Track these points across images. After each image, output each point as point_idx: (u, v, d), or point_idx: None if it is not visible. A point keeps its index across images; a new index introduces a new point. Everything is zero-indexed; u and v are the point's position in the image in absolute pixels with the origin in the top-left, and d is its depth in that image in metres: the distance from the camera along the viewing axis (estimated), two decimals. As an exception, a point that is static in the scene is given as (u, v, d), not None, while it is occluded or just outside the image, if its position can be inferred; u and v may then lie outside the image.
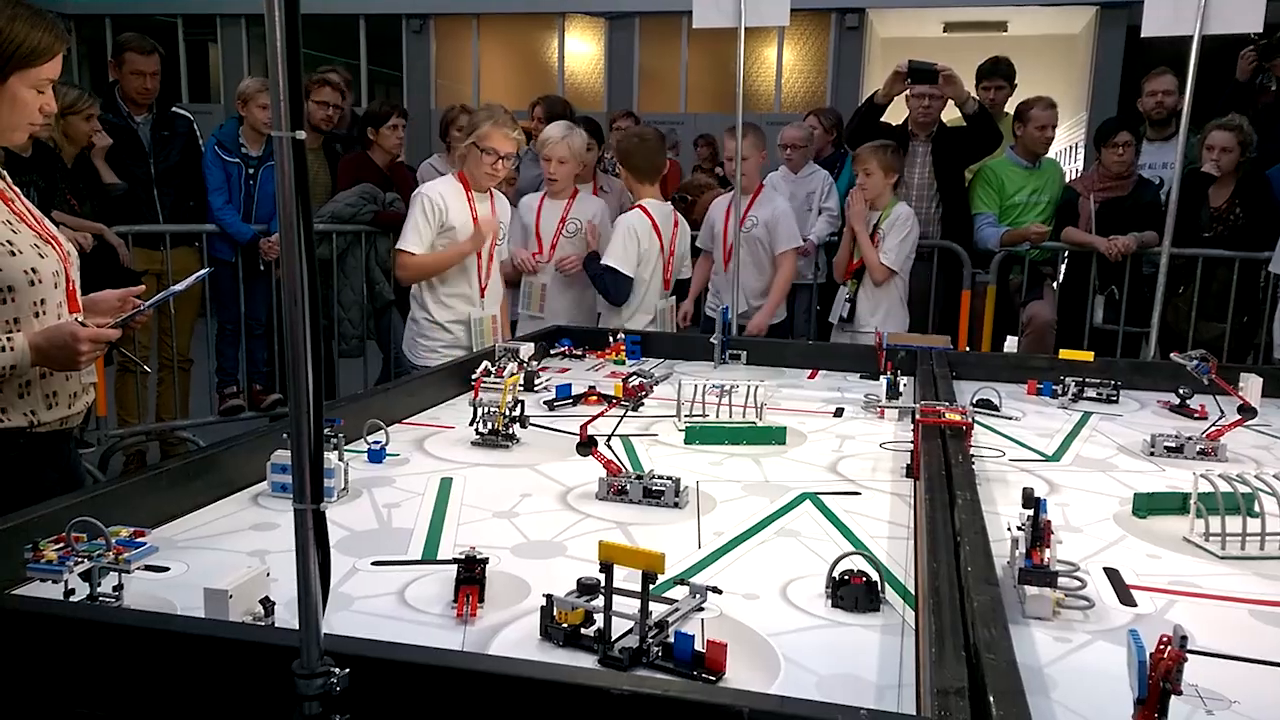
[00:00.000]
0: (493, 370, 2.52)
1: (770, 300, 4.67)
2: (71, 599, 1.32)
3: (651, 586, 1.38)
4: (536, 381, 2.85)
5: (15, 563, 1.34)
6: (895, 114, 5.29)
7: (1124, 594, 1.55)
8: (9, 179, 2.06)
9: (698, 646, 1.24)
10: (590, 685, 1.03)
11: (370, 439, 2.17)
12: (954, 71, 4.85)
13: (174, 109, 5.18)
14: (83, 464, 2.24)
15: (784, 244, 4.64)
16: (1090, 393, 2.94)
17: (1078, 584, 1.52)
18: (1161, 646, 1.01)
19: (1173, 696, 1.04)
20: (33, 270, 1.94)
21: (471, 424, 2.34)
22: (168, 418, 5.15)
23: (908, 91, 5.00)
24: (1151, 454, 2.35)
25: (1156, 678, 1.00)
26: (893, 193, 4.66)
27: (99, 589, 1.34)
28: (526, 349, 2.84)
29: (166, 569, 1.54)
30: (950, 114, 5.13)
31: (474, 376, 2.45)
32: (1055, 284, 5.57)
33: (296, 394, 1.00)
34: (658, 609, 1.37)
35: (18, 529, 1.43)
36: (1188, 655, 1.00)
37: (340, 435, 1.97)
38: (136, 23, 12.61)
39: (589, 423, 2.01)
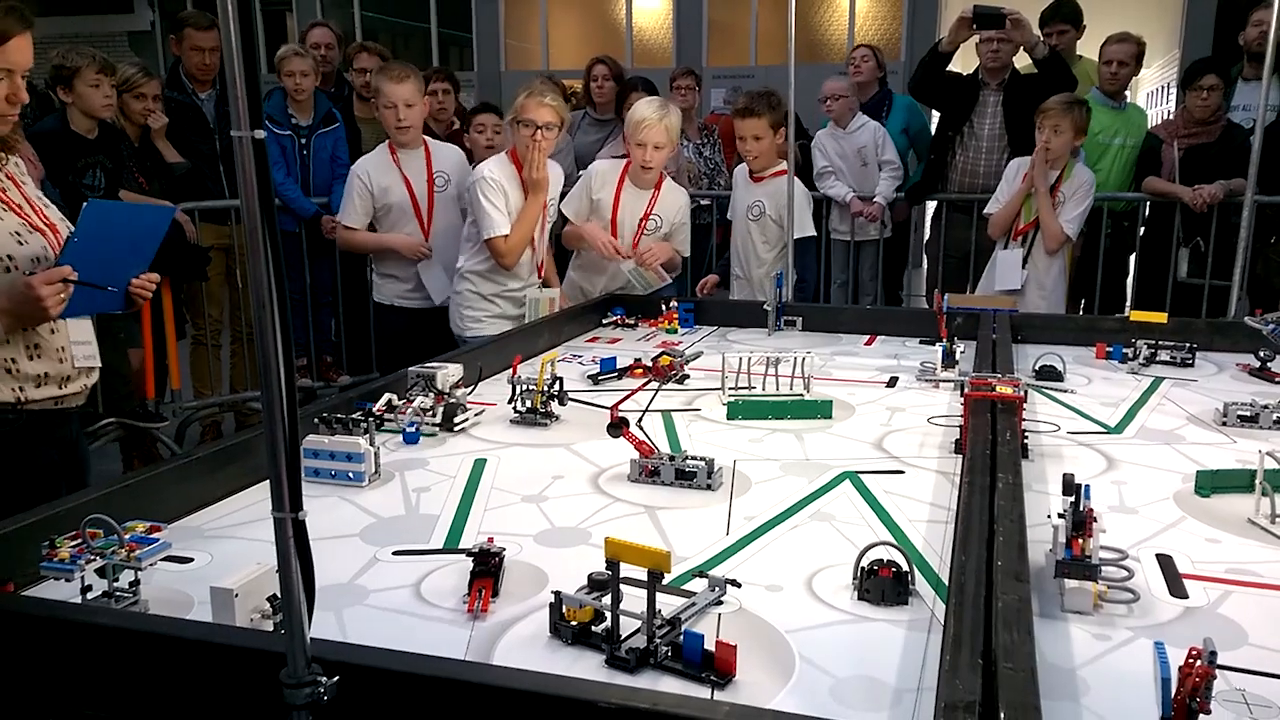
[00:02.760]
0: (397, 404, 2.18)
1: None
2: (89, 596, 1.33)
3: (668, 579, 1.35)
4: (459, 419, 2.20)
5: (37, 559, 1.36)
6: (964, 64, 5.08)
7: (1175, 584, 1.45)
8: (14, 167, 2.10)
9: (708, 646, 1.20)
10: (578, 698, 1.00)
11: (405, 420, 2.16)
12: (1022, 15, 4.62)
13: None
14: (87, 446, 2.31)
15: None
16: (1163, 356, 2.79)
17: (1124, 574, 1.43)
18: (1190, 660, 0.93)
19: (1210, 709, 0.96)
20: (8, 257, 2.00)
21: (510, 402, 2.31)
22: (241, 389, 5.27)
23: (975, 38, 4.78)
24: (1224, 424, 2.22)
25: (1183, 695, 0.92)
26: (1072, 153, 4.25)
27: (116, 585, 1.35)
28: (448, 374, 2.26)
29: (190, 560, 1.54)
30: (1022, 60, 4.90)
31: (376, 408, 2.14)
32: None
33: (269, 401, 0.97)
34: (673, 603, 1.33)
35: (42, 524, 1.44)
36: (1217, 672, 0.92)
37: (371, 419, 1.96)
38: (213, -4, 12.79)
39: (619, 403, 1.97)
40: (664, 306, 3.45)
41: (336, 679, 1.02)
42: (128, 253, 2.33)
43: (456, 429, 2.19)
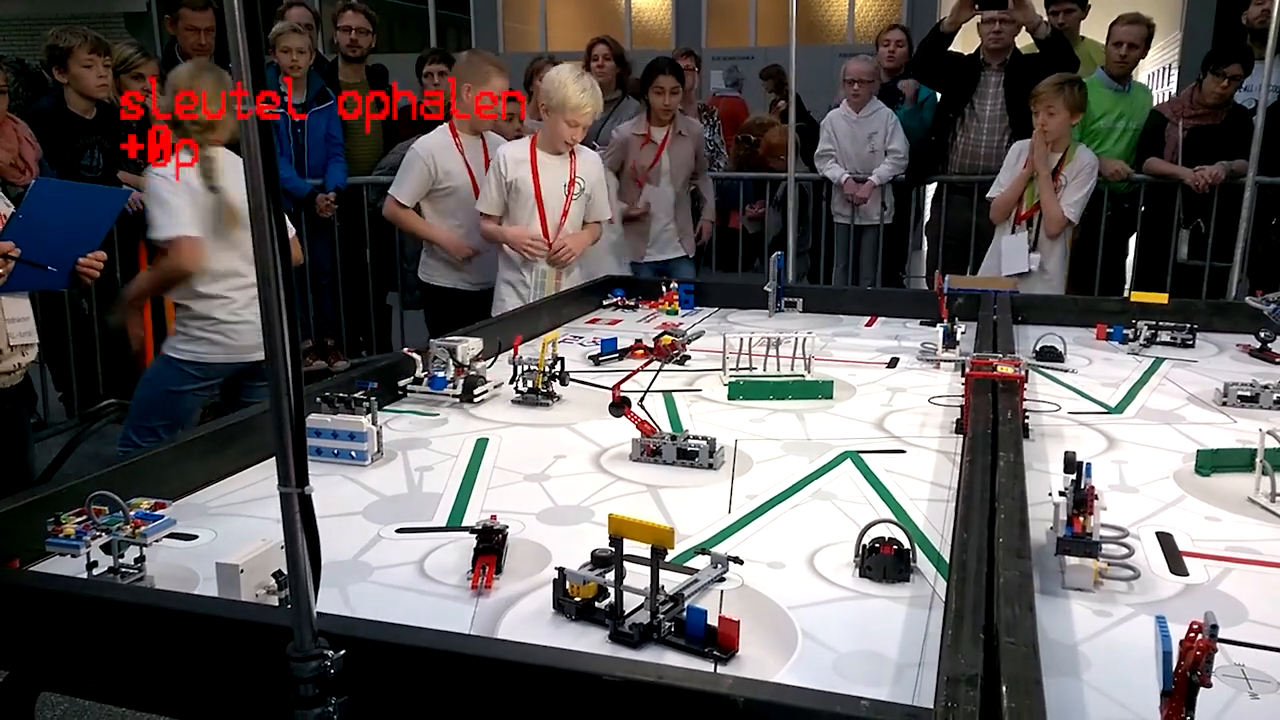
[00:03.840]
0: (422, 377, 2.21)
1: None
2: (94, 571, 1.34)
3: (670, 557, 1.35)
4: (479, 391, 2.24)
5: (42, 536, 1.37)
6: (965, 44, 5.06)
7: (1175, 562, 1.46)
8: None
9: (711, 622, 1.21)
10: (583, 671, 1.01)
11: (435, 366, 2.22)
12: None
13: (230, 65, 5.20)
14: (28, 424, 2.35)
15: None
16: (1164, 337, 2.79)
17: (1124, 551, 1.44)
18: (1191, 634, 0.94)
19: (1211, 683, 0.97)
20: None
21: (512, 382, 2.32)
22: (240, 371, 5.25)
23: (977, 18, 4.76)
24: (1224, 404, 2.22)
25: (1184, 669, 0.92)
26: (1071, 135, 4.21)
27: (121, 561, 1.36)
28: (468, 348, 2.29)
29: (195, 537, 1.55)
30: (1024, 40, 4.89)
31: (401, 384, 2.23)
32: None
33: (275, 376, 0.97)
34: (676, 580, 1.34)
35: (46, 501, 1.45)
36: (1218, 645, 0.92)
37: (373, 399, 1.96)
38: (209, -24, 12.72)
39: (620, 383, 1.97)
40: (664, 288, 3.46)
41: (343, 653, 1.03)
42: (76, 232, 2.35)
43: (477, 400, 2.22)
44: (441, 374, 2.13)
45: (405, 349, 2.34)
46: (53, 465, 4.22)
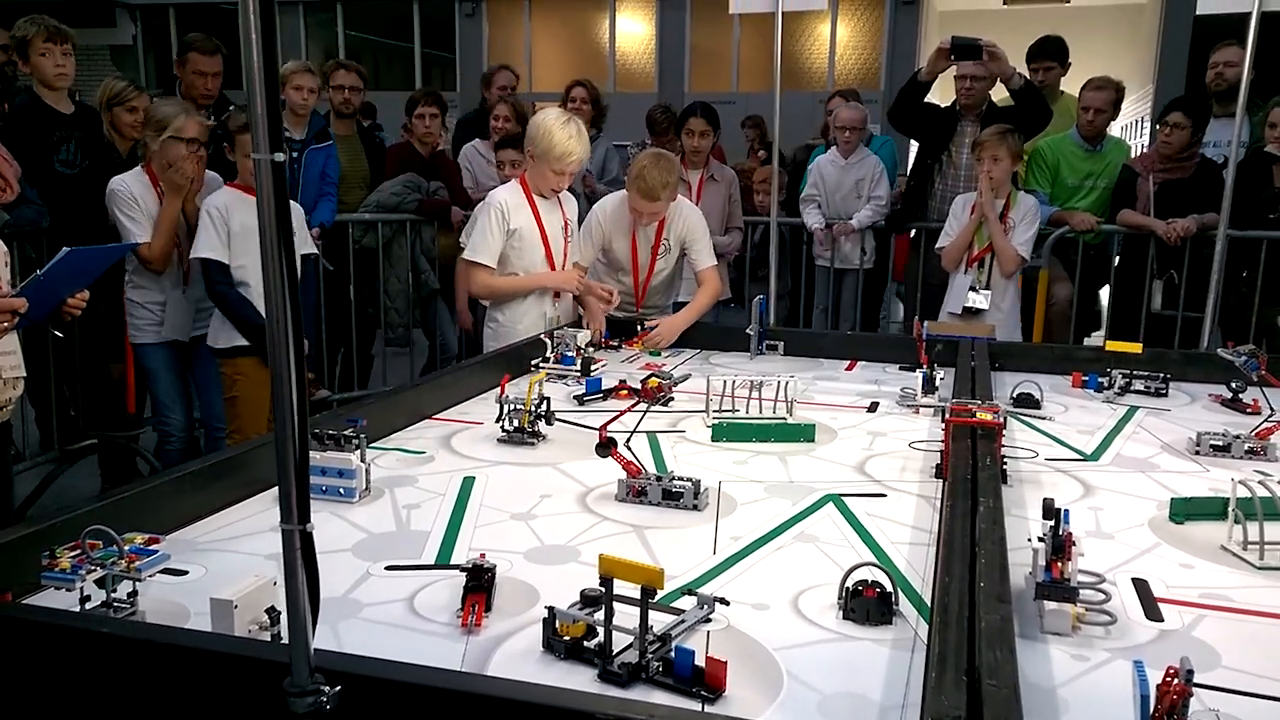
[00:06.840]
0: (550, 356, 2.51)
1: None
2: (87, 606, 1.34)
3: (656, 598, 1.37)
4: (594, 367, 2.90)
5: (35, 569, 1.37)
6: (943, 94, 5.18)
7: (1151, 608, 1.49)
8: None
9: (698, 662, 1.23)
10: (575, 709, 1.02)
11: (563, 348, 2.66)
12: (998, 47, 4.70)
13: (232, 106, 5.23)
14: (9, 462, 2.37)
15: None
16: (1138, 386, 2.85)
17: (1101, 597, 1.47)
18: (1168, 679, 0.97)
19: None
20: None
21: (498, 420, 2.34)
22: (221, 404, 5.24)
23: (953, 71, 4.87)
24: (1197, 453, 2.28)
25: (1160, 713, 0.95)
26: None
27: (114, 596, 1.36)
28: (584, 335, 2.83)
29: (185, 572, 1.56)
30: (1000, 93, 5.00)
31: (534, 361, 2.70)
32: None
33: (280, 415, 1.00)
34: (663, 620, 1.36)
35: (39, 535, 1.45)
36: (1193, 690, 0.95)
37: (362, 435, 1.98)
38: (199, 12, 12.81)
39: (608, 423, 2.00)
40: (639, 327, 3.50)
41: (339, 689, 1.04)
42: (75, 280, 2.41)
43: (593, 373, 2.78)
44: (569, 354, 2.66)
45: (540, 333, 3.04)
46: (28, 500, 4.19)
